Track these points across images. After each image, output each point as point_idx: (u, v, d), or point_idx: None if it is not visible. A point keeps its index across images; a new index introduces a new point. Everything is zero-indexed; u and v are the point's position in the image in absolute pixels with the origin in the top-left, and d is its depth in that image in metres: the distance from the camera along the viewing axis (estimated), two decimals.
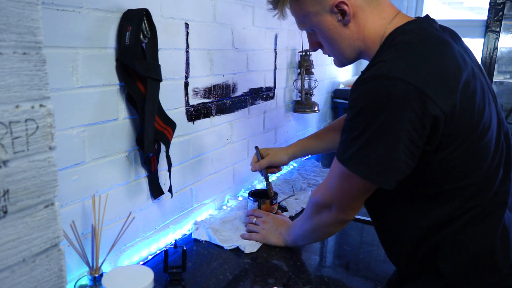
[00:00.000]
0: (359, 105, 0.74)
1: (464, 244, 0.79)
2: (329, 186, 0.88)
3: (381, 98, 0.70)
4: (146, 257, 1.04)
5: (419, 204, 0.81)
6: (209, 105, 1.22)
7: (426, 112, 0.69)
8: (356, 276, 0.97)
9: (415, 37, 0.76)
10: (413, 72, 0.70)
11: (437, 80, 0.71)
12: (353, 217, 0.90)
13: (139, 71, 0.87)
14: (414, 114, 0.69)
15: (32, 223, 0.46)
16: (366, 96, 0.73)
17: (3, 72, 0.41)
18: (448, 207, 0.78)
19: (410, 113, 0.69)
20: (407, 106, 0.69)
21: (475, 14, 2.39)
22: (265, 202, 1.17)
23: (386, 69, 0.71)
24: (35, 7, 0.44)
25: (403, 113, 0.69)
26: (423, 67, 0.72)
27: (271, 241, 1.09)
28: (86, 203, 0.86)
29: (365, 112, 0.73)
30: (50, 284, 0.49)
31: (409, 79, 0.69)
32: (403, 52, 0.74)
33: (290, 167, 1.77)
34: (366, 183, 0.77)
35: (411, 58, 0.73)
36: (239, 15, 1.31)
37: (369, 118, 0.72)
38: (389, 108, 0.70)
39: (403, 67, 0.72)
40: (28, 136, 0.44)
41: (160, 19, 0.98)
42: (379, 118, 0.70)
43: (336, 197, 0.87)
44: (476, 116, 0.75)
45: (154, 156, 1.00)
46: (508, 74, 2.07)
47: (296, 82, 1.72)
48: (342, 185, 0.83)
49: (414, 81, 0.69)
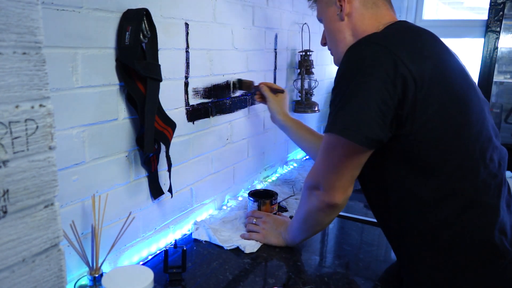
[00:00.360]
0: (338, 75, 0.81)
1: (463, 234, 0.79)
2: (315, 165, 0.90)
3: (356, 61, 0.78)
4: (146, 257, 1.04)
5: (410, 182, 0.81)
6: (209, 105, 1.22)
7: (397, 72, 0.74)
8: (356, 276, 0.97)
9: (396, 27, 0.86)
10: (389, 39, 0.79)
11: (411, 47, 0.78)
12: (342, 202, 0.86)
13: (139, 71, 0.87)
14: (386, 73, 0.74)
15: (32, 223, 0.46)
16: (344, 63, 0.80)
17: (3, 72, 0.41)
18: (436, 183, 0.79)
19: (381, 72, 0.74)
20: (379, 66, 0.75)
21: (475, 14, 2.39)
22: (265, 202, 1.17)
23: (364, 38, 0.81)
24: (35, 7, 0.44)
25: (375, 72, 0.75)
26: (399, 36, 0.81)
27: (271, 240, 1.09)
28: (86, 203, 0.86)
29: (343, 78, 0.80)
30: (50, 284, 0.49)
31: (384, 43, 0.77)
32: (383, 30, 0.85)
33: (290, 167, 1.77)
34: (344, 148, 0.79)
35: (388, 31, 0.84)
36: (239, 15, 1.31)
37: (346, 82, 0.78)
38: (363, 68, 0.76)
39: (380, 36, 0.81)
40: (28, 136, 0.44)
41: (160, 19, 0.98)
42: (354, 79, 0.77)
43: (321, 174, 0.87)
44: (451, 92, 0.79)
45: (154, 156, 1.00)
46: (508, 74, 2.07)
47: (296, 82, 1.72)
48: (325, 157, 0.85)
49: (388, 45, 0.76)
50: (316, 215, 0.93)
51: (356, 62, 0.78)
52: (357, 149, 0.79)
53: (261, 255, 1.05)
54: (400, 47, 0.76)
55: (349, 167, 0.83)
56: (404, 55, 0.75)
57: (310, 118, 1.97)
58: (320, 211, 0.91)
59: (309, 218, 0.95)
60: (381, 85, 0.74)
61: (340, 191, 0.85)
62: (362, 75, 0.76)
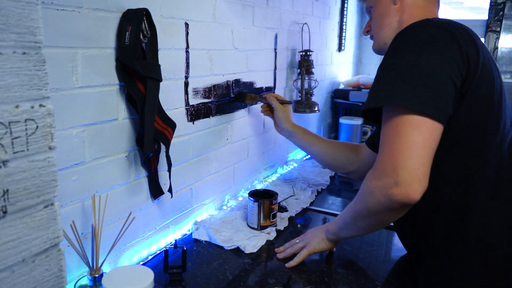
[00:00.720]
0: (402, 45, 0.79)
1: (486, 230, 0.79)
2: (386, 154, 0.75)
3: (423, 37, 0.77)
4: (146, 257, 1.04)
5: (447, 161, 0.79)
6: (209, 105, 1.22)
7: (462, 52, 0.75)
8: (356, 276, 0.97)
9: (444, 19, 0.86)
10: (449, 25, 0.80)
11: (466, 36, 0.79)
12: (420, 197, 0.72)
13: (139, 71, 0.87)
14: (455, 51, 0.75)
15: (32, 223, 0.46)
16: (406, 37, 0.79)
17: (3, 72, 0.41)
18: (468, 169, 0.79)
19: (451, 49, 0.75)
20: (447, 44, 0.75)
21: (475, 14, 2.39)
22: (265, 202, 1.17)
23: (420, 21, 0.82)
24: (35, 7, 0.44)
25: (444, 48, 0.75)
26: (454, 24, 0.81)
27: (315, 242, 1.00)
28: (86, 203, 0.86)
29: (409, 49, 0.77)
30: (50, 284, 0.49)
31: (445, 26, 0.79)
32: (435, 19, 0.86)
33: (290, 167, 1.77)
34: (421, 125, 0.71)
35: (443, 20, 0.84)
36: (239, 15, 1.31)
37: (414, 54, 0.75)
38: (432, 43, 0.75)
39: (440, 21, 0.82)
40: (28, 136, 0.44)
41: (160, 19, 0.98)
42: (424, 53, 0.74)
43: (397, 163, 0.72)
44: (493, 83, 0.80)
45: (154, 156, 1.00)
46: (508, 74, 2.07)
47: (296, 82, 1.72)
48: (399, 141, 0.72)
49: (451, 29, 0.78)
50: (383, 216, 0.80)
51: (422, 38, 0.77)
52: (436, 128, 0.72)
53: (261, 255, 1.05)
54: (459, 33, 0.77)
55: (430, 151, 0.73)
56: (464, 40, 0.77)
57: (310, 118, 1.97)
58: (392, 211, 0.77)
59: (373, 217, 0.82)
60: (452, 61, 0.74)
61: (422, 183, 0.72)
62: (432, 50, 0.74)
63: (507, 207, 0.80)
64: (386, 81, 0.77)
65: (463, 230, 0.80)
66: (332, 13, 2.09)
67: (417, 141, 0.71)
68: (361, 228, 0.88)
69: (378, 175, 0.76)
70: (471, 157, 0.79)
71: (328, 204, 1.41)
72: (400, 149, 0.72)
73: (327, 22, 2.02)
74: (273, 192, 1.22)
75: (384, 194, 0.74)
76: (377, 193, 0.76)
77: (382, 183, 0.75)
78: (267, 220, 1.17)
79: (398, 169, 0.72)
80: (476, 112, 0.77)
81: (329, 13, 2.05)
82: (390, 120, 0.75)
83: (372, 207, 0.79)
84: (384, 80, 0.77)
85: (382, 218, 0.81)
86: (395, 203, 0.74)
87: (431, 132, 0.72)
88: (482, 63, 0.77)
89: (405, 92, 0.73)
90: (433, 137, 0.73)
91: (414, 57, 0.75)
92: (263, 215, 1.16)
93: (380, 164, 0.76)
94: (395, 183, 0.72)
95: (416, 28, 0.80)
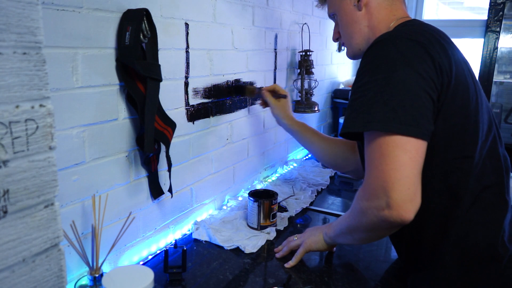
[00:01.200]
0: (371, 66, 0.76)
1: (468, 234, 0.79)
2: (373, 176, 0.73)
3: (395, 52, 0.75)
4: (146, 257, 1.04)
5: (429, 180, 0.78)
6: (209, 105, 1.22)
7: (435, 65, 0.74)
8: (356, 276, 0.97)
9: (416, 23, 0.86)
10: (419, 36, 0.78)
11: (438, 46, 0.77)
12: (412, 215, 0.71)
13: (139, 71, 0.87)
14: (427, 66, 0.73)
15: (32, 223, 0.46)
16: (376, 57, 0.77)
17: (3, 72, 0.41)
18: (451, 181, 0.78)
19: (423, 64, 0.73)
20: (419, 59, 0.74)
21: (475, 14, 2.39)
22: (265, 202, 1.17)
23: (389, 34, 0.80)
24: (35, 7, 0.44)
25: (417, 64, 0.73)
26: (426, 35, 0.79)
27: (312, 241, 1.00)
28: (86, 203, 0.86)
29: (382, 67, 0.74)
30: (50, 284, 0.49)
31: (416, 38, 0.76)
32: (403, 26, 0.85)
33: (290, 167, 1.77)
34: (405, 144, 0.70)
35: (413, 28, 0.83)
36: (239, 15, 1.31)
37: (385, 73, 0.73)
38: (403, 61, 0.73)
39: (406, 31, 0.81)
40: (28, 136, 0.44)
41: (160, 19, 0.98)
42: (397, 71, 0.73)
43: (386, 185, 0.70)
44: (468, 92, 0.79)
45: (154, 156, 1.00)
46: (508, 74, 2.07)
47: (296, 82, 1.72)
48: (385, 163, 0.71)
49: (421, 40, 0.76)
50: (378, 232, 0.81)
51: (393, 54, 0.74)
52: (420, 145, 0.71)
53: (261, 255, 1.05)
54: (430, 44, 0.76)
55: (417, 169, 0.72)
56: (436, 51, 0.75)
57: (310, 118, 1.97)
58: (386, 229, 0.78)
59: (368, 233, 0.82)
60: (426, 75, 0.72)
61: (414, 202, 0.71)
62: (404, 66, 0.72)
63: (489, 212, 0.81)
64: (363, 103, 0.75)
65: (447, 238, 0.81)
66: None
67: (404, 160, 0.70)
68: (357, 239, 0.88)
69: (368, 196, 0.75)
70: (452, 168, 0.78)
71: (328, 204, 1.41)
72: (388, 170, 0.70)
73: (327, 22, 2.02)
74: (273, 192, 1.22)
75: (377, 215, 0.73)
76: (369, 214, 0.75)
77: (373, 205, 0.73)
78: (267, 220, 1.17)
79: (388, 192, 0.70)
80: (454, 123, 0.77)
81: None
82: (373, 142, 0.74)
83: (366, 226, 0.79)
84: (361, 101, 0.75)
85: (377, 234, 0.82)
86: (389, 224, 0.73)
87: (417, 150, 0.71)
88: (455, 73, 0.76)
89: (385, 115, 0.71)
90: (419, 154, 0.72)
91: (387, 75, 0.73)
92: (263, 215, 1.16)
93: (369, 185, 0.74)
94: (387, 205, 0.70)
95: (386, 42, 0.77)
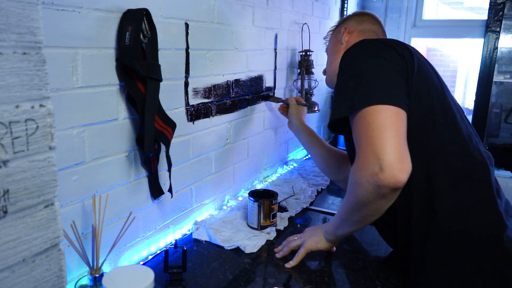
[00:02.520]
0: (348, 61, 0.89)
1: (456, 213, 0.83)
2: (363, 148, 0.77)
3: (364, 49, 0.89)
4: (146, 257, 1.04)
5: None
6: (209, 105, 1.22)
7: (399, 55, 0.86)
8: (356, 276, 0.97)
9: None
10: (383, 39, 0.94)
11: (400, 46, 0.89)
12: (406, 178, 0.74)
13: (139, 71, 0.87)
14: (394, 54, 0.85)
15: (32, 223, 0.46)
16: (348, 57, 0.90)
17: (3, 72, 0.42)
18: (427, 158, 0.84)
19: (391, 53, 0.85)
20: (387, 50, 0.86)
21: (475, 14, 2.39)
22: (265, 202, 1.17)
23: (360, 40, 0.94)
24: (35, 7, 0.44)
25: (385, 53, 0.85)
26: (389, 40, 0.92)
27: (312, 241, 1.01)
28: (86, 203, 0.86)
29: (352, 65, 0.87)
30: (50, 284, 0.49)
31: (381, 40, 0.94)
32: None
33: (290, 167, 1.77)
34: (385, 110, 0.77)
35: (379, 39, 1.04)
36: (239, 15, 1.31)
37: (358, 66, 0.85)
38: (373, 52, 0.87)
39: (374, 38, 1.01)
40: (28, 136, 0.44)
41: (160, 19, 0.98)
42: (366, 62, 0.85)
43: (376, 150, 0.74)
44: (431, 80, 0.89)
45: (154, 156, 1.00)
46: (508, 74, 2.07)
47: (296, 82, 1.72)
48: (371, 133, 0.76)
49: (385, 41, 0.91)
50: (375, 205, 0.80)
51: (363, 50, 0.89)
52: (400, 112, 0.78)
53: (261, 255, 1.05)
54: (392, 42, 0.90)
55: (401, 131, 0.76)
56: (399, 47, 0.88)
57: (310, 118, 1.97)
58: (383, 197, 0.77)
59: (366, 208, 0.82)
60: (393, 60, 0.84)
61: (405, 162, 0.74)
62: (373, 56, 0.85)
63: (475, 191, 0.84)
64: (344, 94, 0.85)
65: (434, 218, 0.83)
66: (332, 13, 2.09)
67: (387, 124, 0.76)
68: (356, 221, 0.88)
69: (361, 165, 0.77)
70: (425, 145, 0.85)
71: (328, 204, 1.41)
72: (375, 135, 0.75)
73: (327, 22, 2.02)
74: (273, 192, 1.22)
75: (372, 182, 0.75)
76: (364, 183, 0.77)
77: (367, 172, 0.76)
78: (267, 220, 1.17)
79: (379, 154, 0.74)
80: (424, 104, 0.85)
81: (329, 13, 2.05)
82: (358, 120, 0.80)
83: (363, 198, 0.80)
84: (342, 93, 0.86)
85: (374, 207, 0.81)
86: (384, 188, 0.74)
87: (397, 115, 0.77)
88: (417, 63, 0.86)
89: (365, 94, 0.80)
90: (399, 119, 0.78)
91: (359, 66, 0.85)
92: (263, 215, 1.16)
93: (361, 155, 0.78)
94: (380, 168, 0.73)
95: (356, 45, 0.91)
